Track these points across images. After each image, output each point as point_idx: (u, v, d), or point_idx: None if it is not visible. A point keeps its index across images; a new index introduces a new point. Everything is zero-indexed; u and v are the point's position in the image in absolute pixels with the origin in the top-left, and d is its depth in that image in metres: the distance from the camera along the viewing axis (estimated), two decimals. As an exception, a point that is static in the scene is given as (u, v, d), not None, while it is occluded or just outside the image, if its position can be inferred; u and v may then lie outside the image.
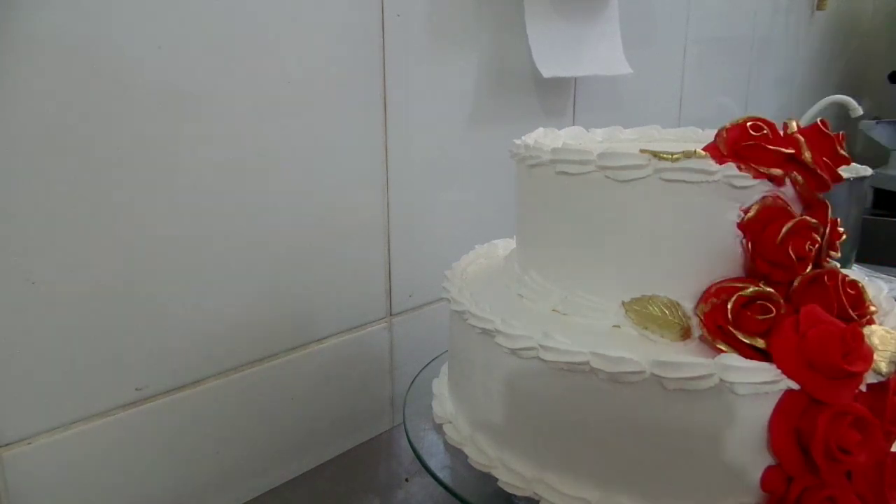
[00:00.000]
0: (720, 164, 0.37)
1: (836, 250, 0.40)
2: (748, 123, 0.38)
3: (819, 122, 0.39)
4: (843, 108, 1.18)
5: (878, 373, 0.34)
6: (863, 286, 0.40)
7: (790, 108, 1.46)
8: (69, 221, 0.44)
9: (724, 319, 0.36)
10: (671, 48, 1.05)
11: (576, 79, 0.84)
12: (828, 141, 0.38)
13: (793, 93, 1.48)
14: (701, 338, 0.37)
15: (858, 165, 1.05)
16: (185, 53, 0.47)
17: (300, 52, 0.54)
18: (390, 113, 0.62)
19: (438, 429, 0.48)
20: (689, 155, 0.38)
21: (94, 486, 0.48)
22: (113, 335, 0.47)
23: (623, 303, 0.40)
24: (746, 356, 0.35)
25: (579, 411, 0.37)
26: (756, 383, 0.34)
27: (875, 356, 0.35)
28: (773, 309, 0.36)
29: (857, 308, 0.38)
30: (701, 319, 0.37)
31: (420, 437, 0.49)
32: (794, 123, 0.39)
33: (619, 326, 0.39)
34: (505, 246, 0.57)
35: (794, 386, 0.34)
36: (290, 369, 0.59)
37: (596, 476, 0.38)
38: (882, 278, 0.47)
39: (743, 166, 0.37)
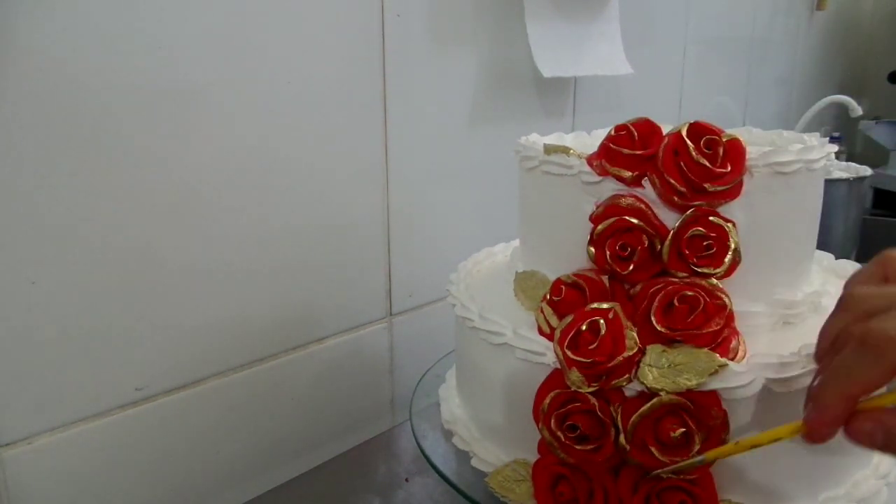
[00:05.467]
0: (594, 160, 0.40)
1: (697, 262, 0.37)
2: (620, 124, 0.40)
3: (687, 126, 0.38)
4: (843, 108, 1.18)
5: (643, 383, 0.35)
6: (713, 304, 0.36)
7: (790, 108, 1.46)
8: (69, 222, 0.44)
9: (544, 298, 0.40)
10: (671, 48, 1.05)
11: (576, 79, 0.84)
12: (685, 146, 0.37)
13: (793, 93, 1.47)
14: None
15: (858, 165, 1.05)
16: (185, 54, 0.47)
17: (300, 53, 0.54)
18: (390, 113, 0.62)
19: (443, 430, 0.48)
20: (556, 150, 0.41)
21: (94, 486, 0.48)
22: (113, 335, 0.47)
23: (515, 272, 0.45)
24: (546, 333, 0.39)
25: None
26: (528, 351, 0.38)
27: (644, 368, 0.35)
28: (578, 298, 0.39)
29: (680, 322, 0.36)
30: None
31: (421, 436, 0.49)
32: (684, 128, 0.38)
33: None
34: (504, 250, 0.57)
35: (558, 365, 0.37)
36: (290, 369, 0.59)
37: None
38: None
39: (595, 163, 0.39)
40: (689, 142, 0.37)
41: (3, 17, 0.40)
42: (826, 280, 0.45)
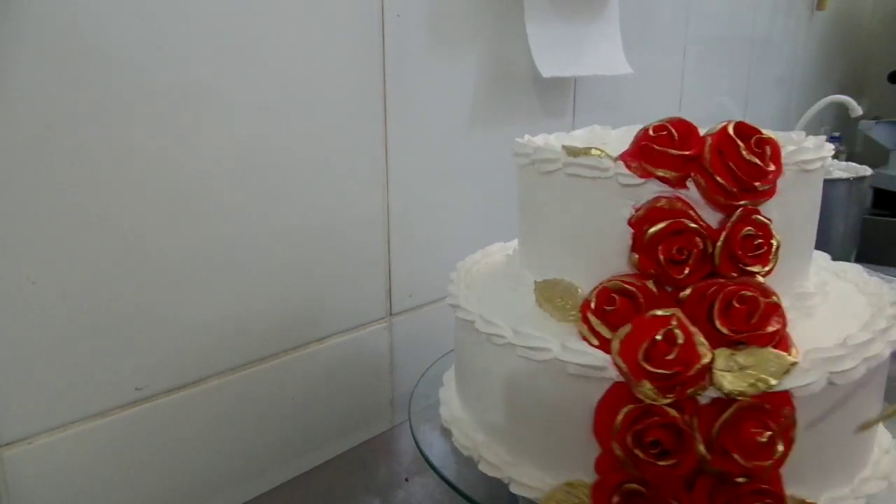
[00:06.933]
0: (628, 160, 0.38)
1: (747, 262, 0.37)
2: (658, 124, 0.39)
3: (733, 126, 0.38)
4: (842, 108, 1.18)
5: (719, 389, 0.34)
6: (769, 303, 0.36)
7: (790, 108, 1.46)
8: (69, 221, 0.44)
9: (588, 308, 0.38)
10: (671, 48, 1.05)
11: (576, 79, 0.84)
12: (733, 146, 0.37)
13: (792, 93, 1.48)
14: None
15: (858, 165, 1.05)
16: (185, 54, 0.47)
17: (300, 53, 0.54)
18: (390, 113, 0.62)
19: (443, 430, 0.48)
20: (586, 152, 0.39)
21: (94, 486, 0.48)
22: (113, 335, 0.47)
23: (535, 282, 0.43)
24: (600, 345, 0.37)
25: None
26: (582, 365, 0.36)
27: (717, 373, 0.34)
28: (630, 306, 0.37)
29: (741, 323, 0.36)
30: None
31: (421, 437, 0.49)
32: (724, 127, 0.38)
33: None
34: (503, 250, 0.57)
35: (620, 378, 0.35)
36: (290, 369, 0.59)
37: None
38: (882, 278, 0.46)
39: (634, 165, 0.38)
40: (738, 141, 0.37)
41: (2, 16, 0.39)
42: (825, 281, 0.45)
